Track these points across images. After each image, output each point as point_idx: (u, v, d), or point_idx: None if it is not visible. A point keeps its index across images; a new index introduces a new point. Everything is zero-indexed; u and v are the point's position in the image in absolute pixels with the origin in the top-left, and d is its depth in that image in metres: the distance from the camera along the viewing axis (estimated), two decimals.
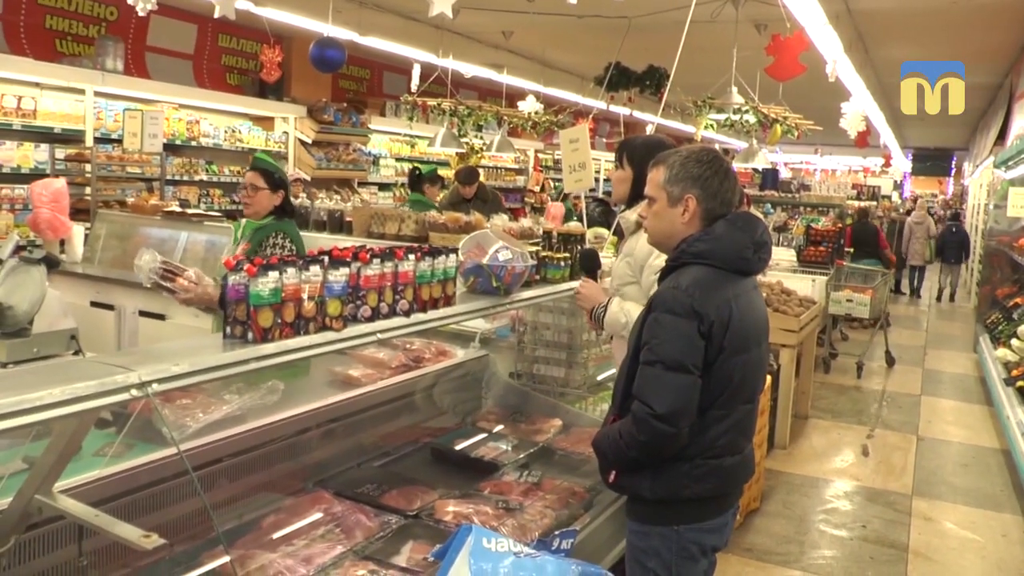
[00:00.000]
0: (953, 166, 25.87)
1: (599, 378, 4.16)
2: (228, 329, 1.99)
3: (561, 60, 12.57)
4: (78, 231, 6.20)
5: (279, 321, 2.00)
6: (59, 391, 1.50)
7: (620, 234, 3.36)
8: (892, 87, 13.36)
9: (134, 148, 7.18)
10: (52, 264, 3.35)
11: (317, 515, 2.51)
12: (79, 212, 6.96)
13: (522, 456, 3.37)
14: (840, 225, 11.05)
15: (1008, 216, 9.90)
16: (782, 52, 5.47)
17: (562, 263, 3.57)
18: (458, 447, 3.39)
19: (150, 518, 2.13)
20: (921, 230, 15.14)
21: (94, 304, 5.75)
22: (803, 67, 5.62)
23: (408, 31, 9.71)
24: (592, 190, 8.28)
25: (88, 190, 7.16)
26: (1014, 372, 7.09)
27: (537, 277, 3.44)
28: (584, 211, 5.60)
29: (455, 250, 2.75)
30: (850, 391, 8.33)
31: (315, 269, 2.10)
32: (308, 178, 10.24)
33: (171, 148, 8.57)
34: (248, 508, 2.54)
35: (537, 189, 16.64)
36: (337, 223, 5.72)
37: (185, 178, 8.72)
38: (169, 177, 8.39)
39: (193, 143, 8.84)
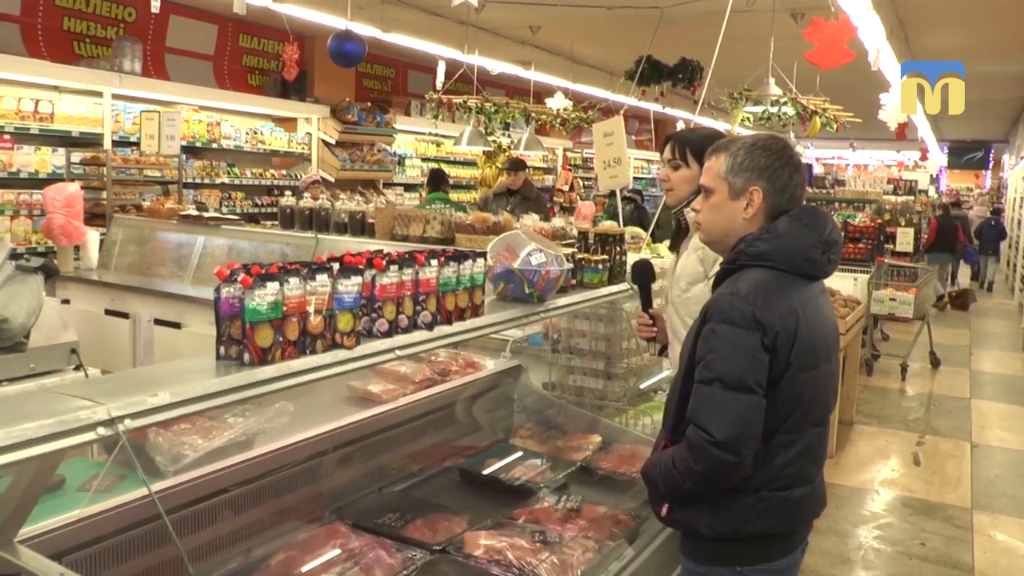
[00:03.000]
0: (991, 159, 25.19)
1: (641, 386, 3.88)
2: (222, 349, 1.72)
3: (589, 55, 12.28)
4: (92, 236, 6.00)
5: (280, 339, 1.74)
6: (3, 433, 1.24)
7: (676, 233, 3.01)
8: None
9: (151, 151, 6.99)
10: (50, 273, 3.12)
11: (333, 552, 2.24)
12: (95, 217, 6.79)
13: (559, 477, 3.07)
14: (880, 221, 10.66)
15: None
16: (825, 37, 5.13)
17: (600, 266, 3.28)
18: (489, 468, 3.10)
19: (137, 563, 1.87)
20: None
21: (108, 312, 5.54)
22: (852, 54, 5.28)
23: (432, 27, 9.46)
24: (633, 189, 7.96)
25: (105, 194, 6.97)
26: None
27: (573, 282, 3.16)
28: (619, 209, 5.32)
29: (483, 254, 2.47)
30: (894, 395, 7.96)
31: (322, 278, 1.83)
32: (331, 179, 10.03)
33: (191, 151, 8.38)
34: (257, 543, 2.28)
35: (566, 188, 16.36)
36: (359, 225, 5.47)
37: (206, 181, 8.52)
38: (189, 180, 8.20)
39: (214, 145, 8.64)
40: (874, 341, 8.99)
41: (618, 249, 3.48)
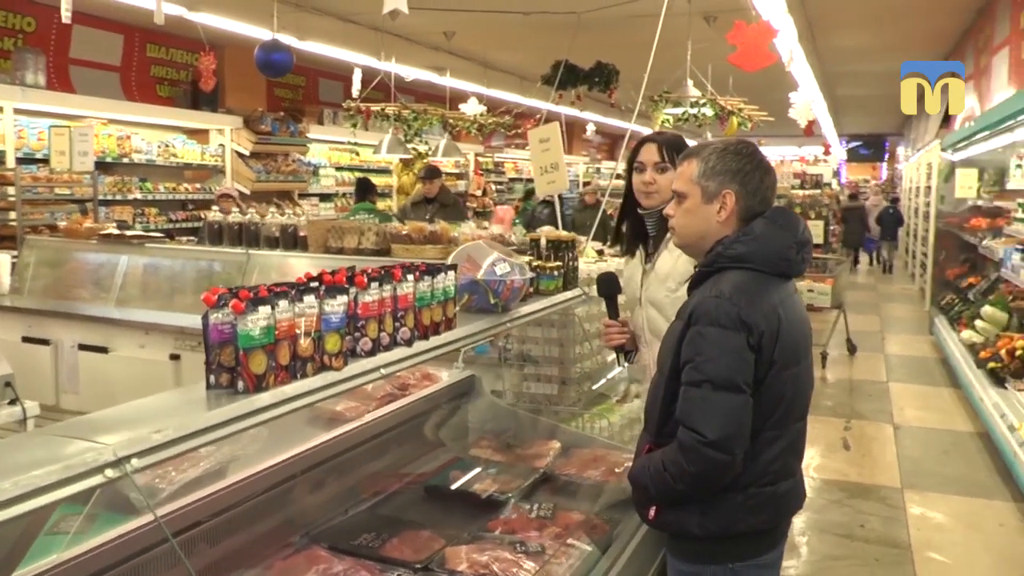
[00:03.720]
0: (887, 152, 26.37)
1: (594, 387, 3.91)
2: (212, 378, 1.65)
3: (503, 61, 12.33)
4: (3, 260, 5.70)
5: (273, 364, 1.68)
6: (10, 484, 1.15)
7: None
8: (834, 76, 13.47)
9: (63, 168, 6.69)
10: None
11: None
12: (4, 239, 6.46)
13: (525, 486, 3.06)
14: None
15: (956, 197, 9.99)
16: (748, 41, 5.28)
17: (555, 272, 3.30)
18: (455, 481, 3.07)
19: None
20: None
21: (26, 339, 5.27)
22: (773, 57, 5.44)
23: (347, 34, 9.35)
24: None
25: (13, 215, 6.63)
26: (983, 354, 7.05)
27: (531, 290, 3.16)
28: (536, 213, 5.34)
29: (454, 267, 2.44)
30: (817, 382, 8.22)
31: (310, 299, 1.78)
32: (247, 191, 9.78)
33: (102, 166, 8.05)
34: (237, 573, 2.20)
35: (479, 193, 16.38)
36: (291, 239, 5.34)
37: (118, 197, 8.21)
38: (101, 197, 7.87)
39: (125, 160, 8.34)
40: None
41: (570, 255, 3.50)
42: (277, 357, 1.69)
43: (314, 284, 1.84)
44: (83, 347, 5.09)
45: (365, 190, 8.52)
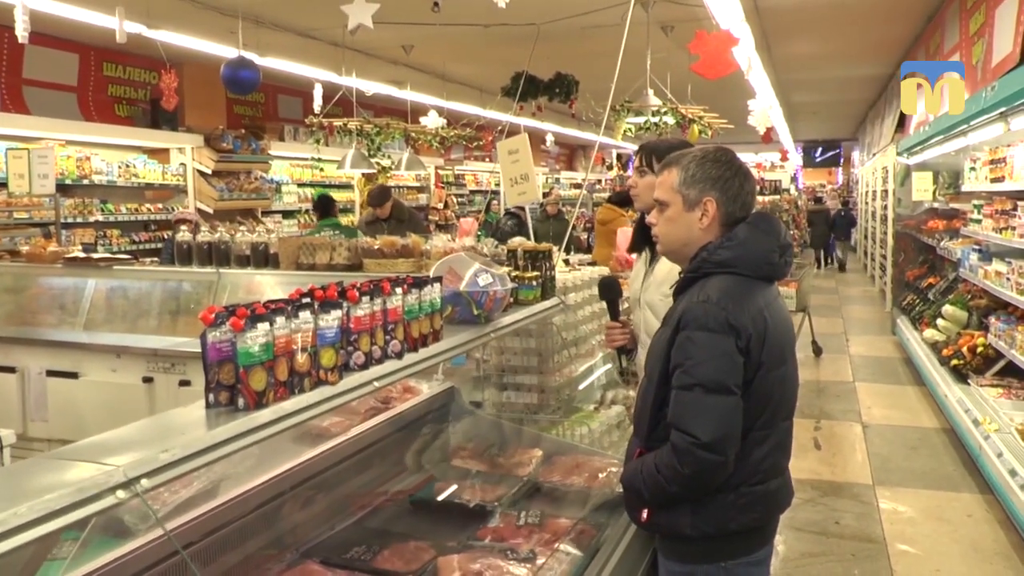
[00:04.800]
0: (841, 156, 26.89)
1: (577, 389, 3.94)
2: (211, 397, 1.65)
3: (462, 73, 12.37)
4: None
5: (272, 381, 1.69)
6: (26, 508, 1.15)
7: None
8: (789, 83, 13.71)
9: (22, 191, 6.58)
10: None
11: None
12: None
13: (511, 494, 3.08)
14: None
15: (913, 200, 10.22)
16: (710, 49, 5.37)
17: (534, 283, 3.33)
18: (440, 493, 3.08)
19: None
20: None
21: None
22: (735, 64, 5.55)
23: (307, 50, 9.33)
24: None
25: None
26: (945, 352, 7.22)
27: (510, 300, 3.18)
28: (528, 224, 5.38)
29: (439, 279, 2.46)
30: None
31: (305, 315, 1.79)
32: (210, 210, 9.68)
33: (61, 188, 7.88)
34: None
35: (440, 206, 16.37)
36: (261, 257, 5.30)
37: (79, 220, 8.08)
38: (61, 220, 7.74)
39: (85, 181, 8.20)
40: None
41: (547, 265, 3.53)
42: (276, 373, 1.70)
43: (306, 300, 1.84)
44: (51, 373, 4.99)
45: (327, 207, 8.46)
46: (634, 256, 3.14)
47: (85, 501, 1.24)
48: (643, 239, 2.96)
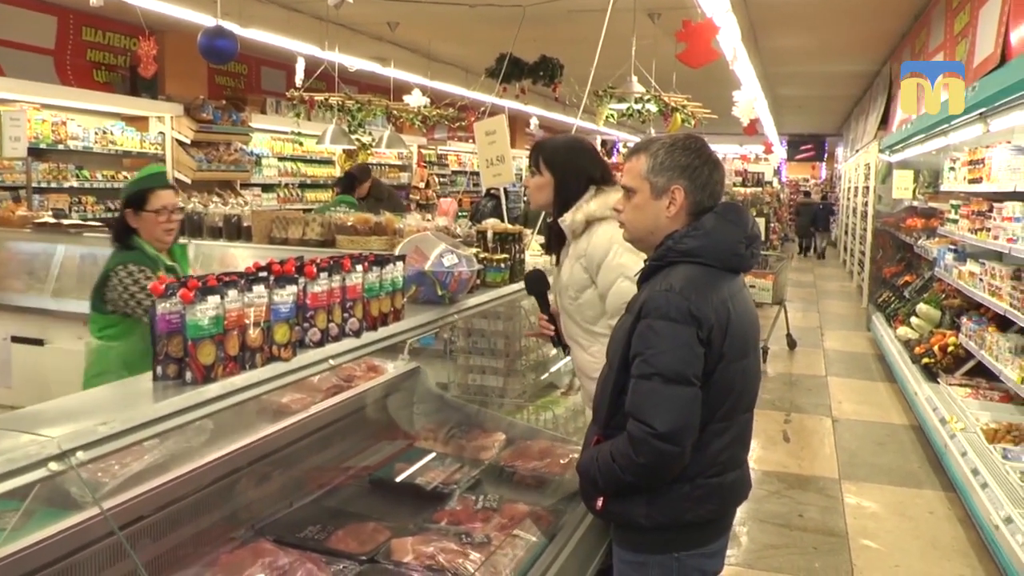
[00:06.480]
0: (826, 151, 27.00)
1: (542, 377, 3.94)
2: (159, 369, 1.62)
3: (447, 53, 12.26)
4: None
5: (222, 355, 1.65)
6: None
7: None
8: (775, 76, 13.69)
9: None
10: None
11: (262, 572, 2.16)
12: None
13: (471, 477, 3.07)
14: None
15: (893, 198, 10.26)
16: (694, 38, 5.35)
17: (502, 265, 3.30)
18: (400, 473, 3.06)
19: None
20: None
21: None
22: (718, 53, 5.52)
23: (291, 23, 9.19)
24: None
25: None
26: (917, 349, 7.27)
27: (478, 282, 3.16)
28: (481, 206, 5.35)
29: (402, 257, 2.43)
30: None
31: (259, 289, 1.75)
32: (188, 180, 9.58)
33: (35, 152, 7.78)
34: (180, 569, 2.16)
35: (422, 185, 16.28)
36: (234, 229, 5.25)
37: (53, 185, 7.95)
38: (35, 185, 7.62)
39: (60, 146, 8.07)
40: None
41: (517, 247, 3.51)
42: (226, 348, 1.67)
43: (263, 274, 1.81)
44: (16, 339, 4.94)
45: (350, 184, 8.33)
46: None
47: (15, 472, 1.21)
48: (557, 241, 2.96)
